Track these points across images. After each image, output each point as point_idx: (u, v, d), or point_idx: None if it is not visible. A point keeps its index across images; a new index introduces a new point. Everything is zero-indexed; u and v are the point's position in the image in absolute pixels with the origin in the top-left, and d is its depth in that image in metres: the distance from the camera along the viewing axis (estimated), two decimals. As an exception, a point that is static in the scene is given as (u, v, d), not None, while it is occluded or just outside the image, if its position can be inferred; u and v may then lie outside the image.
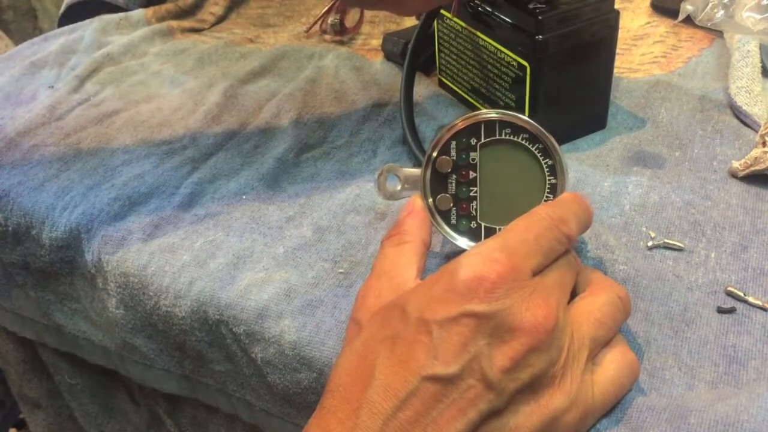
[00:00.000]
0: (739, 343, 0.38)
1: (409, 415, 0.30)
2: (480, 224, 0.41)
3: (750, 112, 0.54)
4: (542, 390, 0.32)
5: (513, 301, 0.31)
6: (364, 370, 0.32)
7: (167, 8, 0.78)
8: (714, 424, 0.33)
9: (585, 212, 0.38)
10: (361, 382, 0.32)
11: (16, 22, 1.54)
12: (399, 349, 0.32)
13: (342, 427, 0.31)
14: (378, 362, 0.32)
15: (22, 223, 0.52)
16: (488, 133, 0.40)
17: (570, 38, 0.49)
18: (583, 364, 0.33)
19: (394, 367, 0.31)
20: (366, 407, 0.31)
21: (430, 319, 0.31)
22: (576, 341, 0.33)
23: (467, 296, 0.31)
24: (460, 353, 0.31)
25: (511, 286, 0.32)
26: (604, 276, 0.38)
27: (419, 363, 0.31)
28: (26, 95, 0.65)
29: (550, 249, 0.35)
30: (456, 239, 0.41)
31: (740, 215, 0.46)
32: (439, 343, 0.31)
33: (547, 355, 0.32)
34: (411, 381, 0.31)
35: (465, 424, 0.30)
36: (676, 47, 0.66)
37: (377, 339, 0.33)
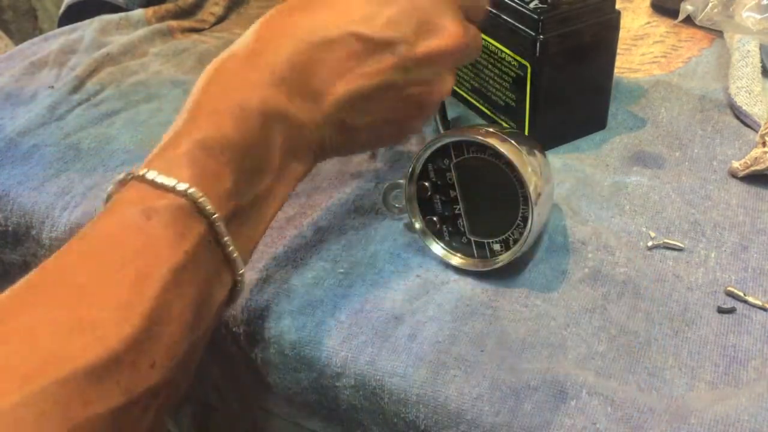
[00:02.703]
0: (739, 343, 0.38)
1: (323, 57, 0.35)
2: (470, 239, 0.42)
3: (750, 112, 0.54)
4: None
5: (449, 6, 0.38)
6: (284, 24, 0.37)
7: (167, 8, 0.78)
8: (714, 424, 0.33)
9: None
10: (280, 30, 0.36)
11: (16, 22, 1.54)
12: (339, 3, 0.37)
13: (246, 62, 0.35)
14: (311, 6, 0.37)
15: (22, 223, 0.52)
16: (458, 153, 0.41)
17: (570, 38, 0.49)
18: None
19: (328, 13, 0.36)
20: (283, 40, 0.35)
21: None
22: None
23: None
24: (394, 28, 0.36)
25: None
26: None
27: (353, 17, 0.36)
28: (26, 95, 0.65)
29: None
30: (450, 258, 0.43)
31: (740, 215, 0.46)
32: (378, 10, 0.36)
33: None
34: (339, 29, 0.36)
35: (366, 88, 0.36)
36: (676, 47, 0.66)
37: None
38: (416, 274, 0.43)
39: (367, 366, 0.38)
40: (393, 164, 0.53)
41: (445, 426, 0.36)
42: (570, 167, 0.51)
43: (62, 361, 0.26)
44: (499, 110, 0.54)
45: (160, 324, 0.29)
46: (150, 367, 0.29)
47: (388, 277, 0.43)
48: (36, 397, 0.25)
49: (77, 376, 0.26)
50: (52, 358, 0.26)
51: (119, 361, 0.27)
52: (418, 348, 0.38)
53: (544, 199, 0.41)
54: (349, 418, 0.40)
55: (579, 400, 0.35)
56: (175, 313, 0.30)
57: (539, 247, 0.44)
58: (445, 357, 0.38)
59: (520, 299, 0.41)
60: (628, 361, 0.37)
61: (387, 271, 0.44)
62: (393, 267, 0.44)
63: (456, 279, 0.43)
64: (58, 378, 0.26)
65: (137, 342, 0.28)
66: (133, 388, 0.28)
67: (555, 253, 0.44)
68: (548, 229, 0.45)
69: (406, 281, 0.43)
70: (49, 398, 0.26)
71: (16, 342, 0.27)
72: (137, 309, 0.28)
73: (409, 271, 0.44)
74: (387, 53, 0.36)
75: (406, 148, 0.54)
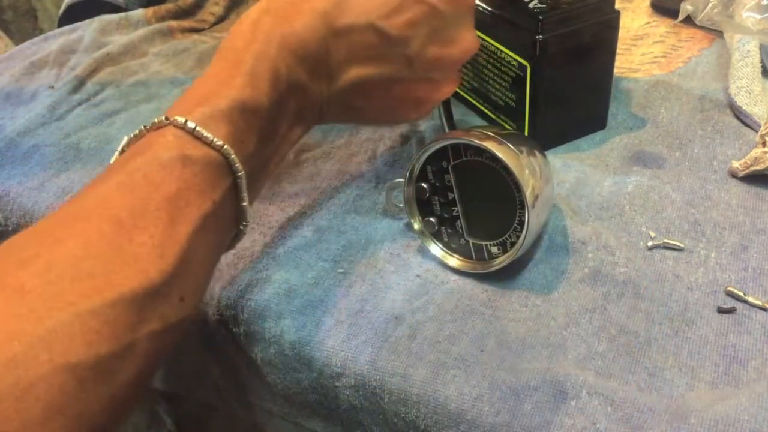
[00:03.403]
0: (739, 343, 0.38)
1: (343, 42, 0.38)
2: (468, 241, 0.42)
3: (750, 112, 0.54)
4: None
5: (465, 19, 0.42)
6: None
7: (167, 8, 0.78)
8: (714, 424, 0.33)
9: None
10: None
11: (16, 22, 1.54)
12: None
13: (280, 27, 0.37)
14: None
15: (22, 223, 0.52)
16: (456, 155, 0.41)
17: (570, 38, 0.49)
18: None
19: (357, 2, 0.39)
20: (313, 19, 0.38)
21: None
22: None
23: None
24: (412, 29, 0.39)
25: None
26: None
27: (378, 12, 0.38)
28: (26, 95, 0.65)
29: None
30: (449, 259, 0.43)
31: (740, 215, 0.46)
32: (401, 9, 0.39)
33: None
34: (363, 19, 0.39)
35: (373, 77, 0.40)
36: (676, 47, 0.66)
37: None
38: (416, 274, 0.43)
39: (367, 366, 0.38)
40: (393, 164, 0.53)
41: (445, 426, 0.36)
42: (570, 167, 0.51)
43: (108, 287, 0.29)
44: (499, 110, 0.54)
45: (189, 263, 0.32)
46: (180, 300, 0.32)
47: (388, 277, 0.43)
48: (86, 316, 0.28)
49: (123, 302, 0.29)
50: (100, 284, 0.29)
51: (157, 293, 0.30)
52: (418, 348, 0.38)
53: (543, 201, 0.41)
54: (349, 418, 0.40)
55: (579, 400, 0.35)
56: (201, 255, 0.33)
57: (539, 247, 0.44)
58: (445, 357, 0.38)
59: (520, 299, 0.41)
60: (628, 361, 0.37)
61: (387, 271, 0.44)
62: (393, 267, 0.44)
63: (456, 279, 0.43)
64: (105, 301, 0.28)
65: (171, 277, 0.31)
66: (168, 317, 0.31)
67: (555, 253, 0.44)
68: (548, 229, 0.45)
69: (406, 281, 0.43)
70: (100, 317, 0.28)
71: (64, 267, 0.29)
72: (172, 248, 0.31)
73: (409, 271, 0.44)
74: (400, 48, 0.40)
75: (406, 148, 0.54)
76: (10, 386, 0.25)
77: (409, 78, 0.41)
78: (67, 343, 0.27)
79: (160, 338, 0.31)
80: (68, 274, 0.28)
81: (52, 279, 0.28)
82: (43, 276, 0.28)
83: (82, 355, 0.27)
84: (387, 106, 0.43)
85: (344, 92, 0.40)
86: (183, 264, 0.32)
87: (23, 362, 0.26)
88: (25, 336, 0.26)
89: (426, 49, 0.40)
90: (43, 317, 0.27)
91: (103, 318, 0.28)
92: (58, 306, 0.27)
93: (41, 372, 0.26)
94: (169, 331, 0.31)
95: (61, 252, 0.29)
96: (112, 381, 0.29)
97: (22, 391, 0.25)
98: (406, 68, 0.41)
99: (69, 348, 0.27)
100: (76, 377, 0.27)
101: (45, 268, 0.28)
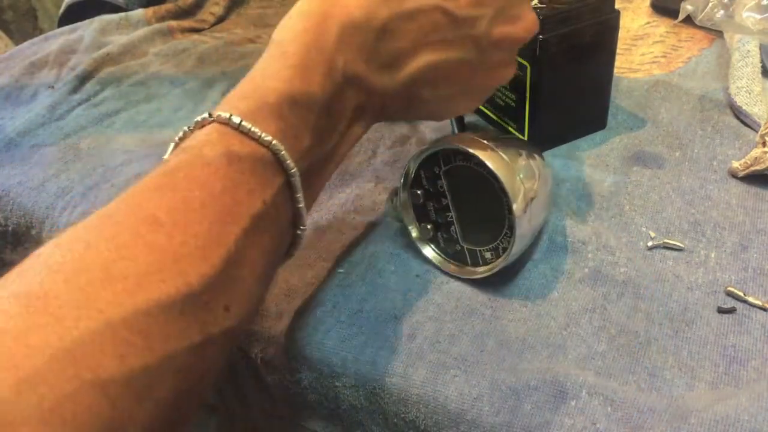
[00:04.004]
0: (739, 343, 0.38)
1: (408, 27, 0.35)
2: (463, 246, 0.42)
3: (750, 112, 0.54)
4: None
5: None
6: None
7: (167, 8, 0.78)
8: (714, 424, 0.33)
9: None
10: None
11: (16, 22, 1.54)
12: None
13: (335, 16, 0.34)
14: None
15: (22, 223, 0.52)
16: (446, 161, 0.41)
17: (570, 38, 0.49)
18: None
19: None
20: (375, 4, 0.34)
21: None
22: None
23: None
24: (478, 8, 0.36)
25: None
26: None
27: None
28: (26, 95, 0.65)
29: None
30: (445, 265, 0.43)
31: (740, 215, 0.46)
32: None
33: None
34: (428, 0, 0.35)
35: (442, 62, 0.37)
36: (676, 47, 0.66)
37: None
38: (416, 274, 0.43)
39: (367, 366, 0.38)
40: (393, 164, 0.53)
41: (445, 426, 0.36)
42: (570, 167, 0.51)
43: (143, 292, 0.26)
44: (499, 110, 0.54)
45: (236, 268, 0.29)
46: (225, 309, 0.29)
47: (387, 277, 0.43)
48: (118, 326, 0.25)
49: (158, 309, 0.26)
50: (133, 288, 0.26)
51: (198, 299, 0.27)
52: (418, 348, 0.38)
53: (539, 204, 0.41)
54: (349, 418, 0.40)
55: (579, 400, 0.35)
56: (250, 260, 0.30)
57: (539, 247, 0.44)
58: (444, 357, 0.38)
59: (520, 299, 0.41)
60: (628, 361, 0.37)
61: (387, 271, 0.44)
62: (393, 267, 0.44)
63: (455, 279, 0.43)
64: (139, 309, 0.25)
65: (214, 282, 0.28)
66: (210, 329, 0.28)
67: (555, 253, 0.44)
68: (548, 229, 0.45)
69: (405, 281, 0.43)
70: (133, 327, 0.25)
71: (94, 271, 0.26)
72: (216, 250, 0.28)
73: (408, 271, 0.44)
74: (466, 29, 0.37)
75: (406, 148, 0.54)
76: (33, 407, 0.22)
77: (474, 61, 0.38)
78: (97, 357, 0.24)
79: (202, 352, 0.27)
80: (98, 278, 0.25)
81: (81, 284, 0.25)
82: (71, 281, 0.25)
83: (113, 369, 0.24)
84: (452, 94, 0.40)
85: (409, 83, 0.37)
86: (229, 268, 0.28)
87: (47, 379, 0.23)
88: (48, 348, 0.23)
89: (492, 29, 0.38)
90: (69, 327, 0.24)
91: (136, 327, 0.25)
92: (86, 314, 0.24)
93: (67, 390, 0.23)
94: (212, 344, 0.28)
95: (92, 256, 0.26)
96: (149, 399, 0.25)
97: (45, 412, 0.22)
98: (473, 51, 0.38)
99: (98, 362, 0.24)
100: (107, 395, 0.24)
101: (73, 274, 0.25)
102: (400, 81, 0.37)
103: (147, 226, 0.27)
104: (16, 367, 0.23)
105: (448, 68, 0.37)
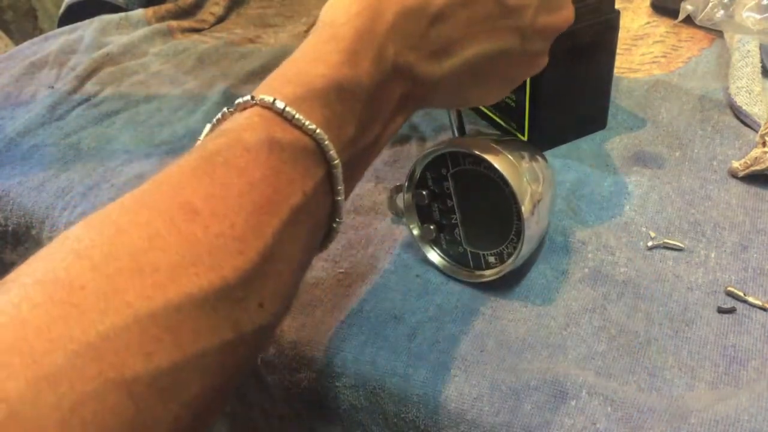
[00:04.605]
0: (739, 343, 0.38)
1: (461, 15, 0.34)
2: (466, 249, 0.42)
3: (750, 112, 0.54)
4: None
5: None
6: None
7: (167, 8, 0.78)
8: (714, 424, 0.33)
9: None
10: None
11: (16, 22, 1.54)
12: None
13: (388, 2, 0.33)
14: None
15: (22, 223, 0.52)
16: (454, 163, 0.41)
17: (570, 38, 0.49)
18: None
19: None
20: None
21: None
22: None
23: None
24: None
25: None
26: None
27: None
28: (26, 95, 0.65)
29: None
30: (447, 267, 0.43)
31: (740, 215, 0.46)
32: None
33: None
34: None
35: (489, 51, 0.36)
36: (676, 47, 0.66)
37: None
38: (416, 274, 0.43)
39: (367, 366, 0.38)
40: (393, 164, 0.53)
41: (445, 426, 0.36)
42: (570, 167, 0.51)
43: (174, 285, 0.24)
44: (499, 110, 0.54)
45: (273, 262, 0.28)
46: (259, 306, 0.27)
47: (388, 277, 0.43)
48: (145, 321, 0.23)
49: (190, 304, 0.24)
50: (164, 281, 0.24)
51: (231, 294, 0.26)
52: (418, 348, 0.38)
53: (544, 207, 0.40)
54: (349, 418, 0.40)
55: (579, 400, 0.35)
56: (287, 254, 0.29)
57: (539, 247, 0.44)
58: (444, 357, 0.38)
59: (520, 299, 0.41)
60: (628, 361, 0.37)
61: (387, 271, 0.44)
62: (393, 267, 0.44)
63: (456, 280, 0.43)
64: (169, 303, 0.24)
65: (250, 277, 0.26)
66: (243, 326, 0.26)
67: (555, 253, 0.44)
68: (548, 229, 0.45)
69: (406, 281, 0.43)
70: (161, 323, 0.24)
71: (124, 260, 0.24)
72: (254, 243, 0.27)
73: (409, 271, 0.44)
74: (514, 18, 0.36)
75: (406, 148, 0.54)
76: (52, 407, 0.21)
77: (518, 49, 0.38)
78: (122, 354, 0.22)
79: (233, 350, 0.26)
80: (128, 268, 0.24)
81: (110, 273, 0.24)
82: (99, 269, 0.24)
83: (139, 367, 0.23)
84: (490, 83, 0.39)
85: (457, 71, 0.36)
86: (266, 263, 0.27)
87: (68, 376, 0.21)
88: (71, 343, 0.22)
89: (537, 19, 0.37)
90: (94, 321, 0.22)
91: (165, 323, 0.24)
92: (113, 307, 0.23)
93: (89, 389, 0.22)
94: (244, 343, 0.27)
95: (123, 242, 0.25)
96: (176, 400, 0.24)
97: (65, 413, 0.21)
98: (517, 41, 0.37)
99: (124, 359, 0.22)
100: (131, 395, 0.22)
101: (102, 260, 0.24)
102: (448, 69, 0.36)
103: (183, 214, 0.26)
104: (35, 362, 0.21)
105: (493, 57, 0.37)
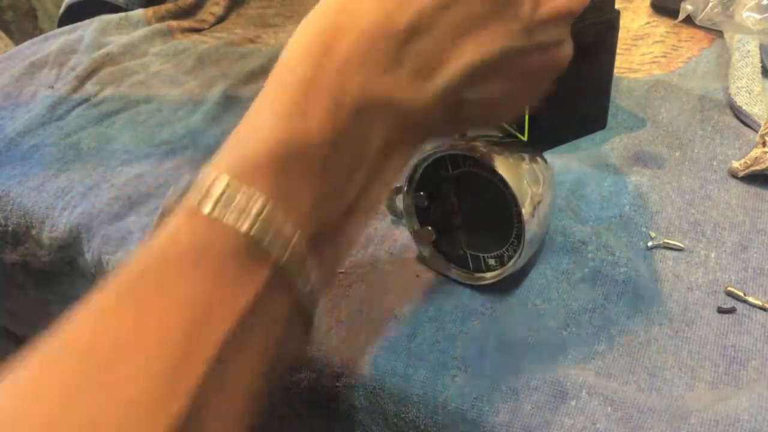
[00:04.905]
0: (739, 343, 0.38)
1: (440, 22, 0.29)
2: (466, 252, 0.42)
3: (750, 112, 0.54)
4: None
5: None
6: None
7: (167, 8, 0.78)
8: (714, 424, 0.33)
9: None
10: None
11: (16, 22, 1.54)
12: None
13: (345, 29, 0.28)
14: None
15: (22, 223, 0.52)
16: (454, 165, 0.41)
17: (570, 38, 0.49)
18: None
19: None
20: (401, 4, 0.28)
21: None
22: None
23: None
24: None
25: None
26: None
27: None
28: (26, 95, 0.65)
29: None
30: (447, 270, 0.43)
31: (740, 215, 0.46)
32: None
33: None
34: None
35: (488, 56, 0.31)
36: (676, 47, 0.66)
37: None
38: (416, 274, 0.43)
39: (367, 366, 0.38)
40: (393, 164, 0.52)
41: (445, 426, 0.36)
42: (570, 167, 0.51)
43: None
44: (499, 110, 0.54)
45: (209, 400, 0.24)
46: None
47: (388, 277, 0.43)
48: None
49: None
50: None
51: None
52: (418, 348, 0.38)
53: (542, 211, 0.40)
54: (349, 418, 0.40)
55: (579, 400, 0.35)
56: (235, 372, 0.25)
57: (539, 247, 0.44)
58: (445, 357, 0.38)
59: (520, 299, 0.41)
60: (628, 361, 0.37)
61: (387, 271, 0.44)
62: (393, 267, 0.44)
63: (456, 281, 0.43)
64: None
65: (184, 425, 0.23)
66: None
67: (555, 253, 0.44)
68: (548, 230, 0.45)
69: (406, 281, 0.43)
70: None
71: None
72: (182, 386, 0.23)
73: (409, 271, 0.44)
74: (511, 14, 0.31)
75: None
76: None
77: (525, 48, 0.32)
78: None
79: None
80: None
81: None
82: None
83: None
84: (504, 91, 0.33)
85: (450, 89, 0.30)
86: (195, 411, 0.23)
87: None
88: None
89: (538, 6, 0.32)
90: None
91: None
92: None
93: None
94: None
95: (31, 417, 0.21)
96: None
97: None
98: (521, 37, 0.32)
99: None
100: None
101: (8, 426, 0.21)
102: (439, 89, 0.30)
103: (92, 366, 0.23)
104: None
105: (495, 62, 0.31)
